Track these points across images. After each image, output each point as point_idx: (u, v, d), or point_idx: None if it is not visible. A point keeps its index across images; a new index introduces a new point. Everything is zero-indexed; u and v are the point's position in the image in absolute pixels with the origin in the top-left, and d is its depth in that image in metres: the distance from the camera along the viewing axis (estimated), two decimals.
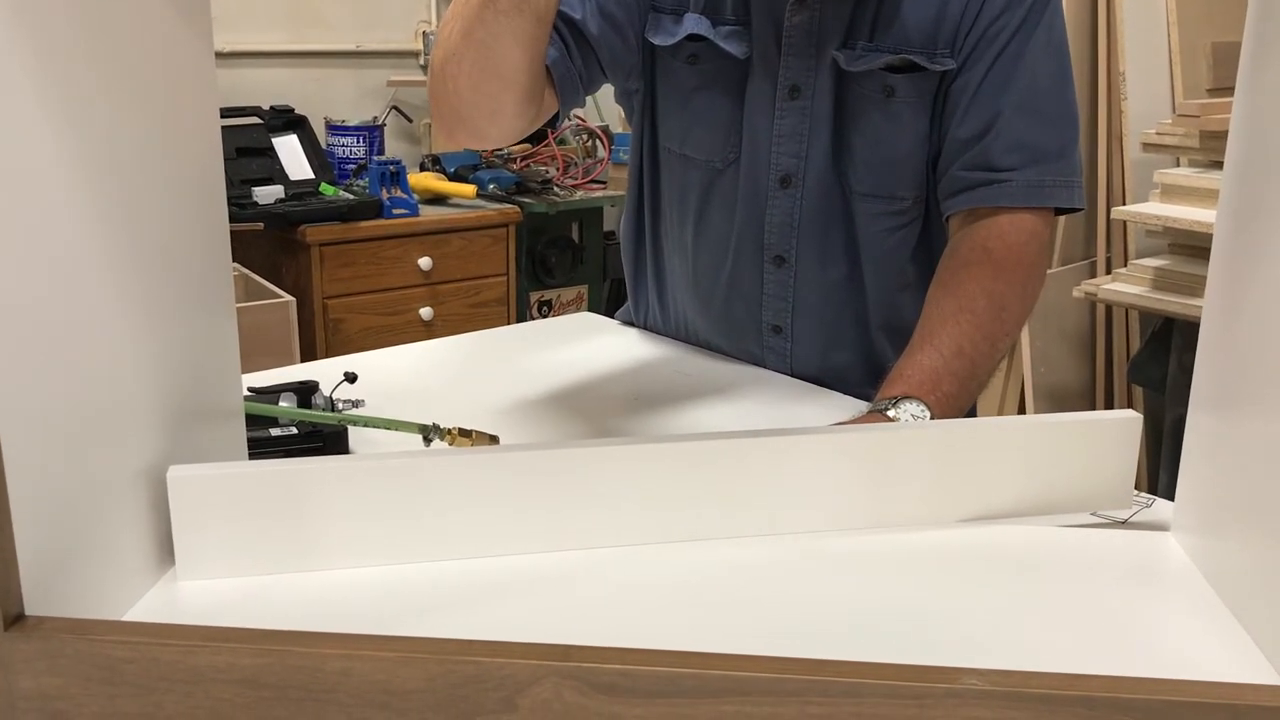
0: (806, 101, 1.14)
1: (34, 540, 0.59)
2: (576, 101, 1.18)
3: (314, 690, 0.56)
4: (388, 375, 1.20)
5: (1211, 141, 2.01)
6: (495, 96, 1.05)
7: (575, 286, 3.26)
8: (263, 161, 2.90)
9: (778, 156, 1.16)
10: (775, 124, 1.15)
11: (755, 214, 1.20)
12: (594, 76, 1.17)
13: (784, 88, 1.14)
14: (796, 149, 1.15)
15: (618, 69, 1.20)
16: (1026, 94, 1.08)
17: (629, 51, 1.19)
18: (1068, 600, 0.71)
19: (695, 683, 0.53)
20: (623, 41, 1.18)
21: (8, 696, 0.57)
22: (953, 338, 1.02)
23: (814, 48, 1.12)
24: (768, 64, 1.14)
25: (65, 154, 0.62)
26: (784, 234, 1.19)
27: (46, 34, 0.60)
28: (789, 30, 1.12)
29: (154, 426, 0.72)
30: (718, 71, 1.17)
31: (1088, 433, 0.81)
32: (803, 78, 1.13)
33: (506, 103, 1.06)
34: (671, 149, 1.25)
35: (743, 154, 1.19)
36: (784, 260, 1.20)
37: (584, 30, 1.13)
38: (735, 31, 1.15)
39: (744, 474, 0.78)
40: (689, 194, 1.24)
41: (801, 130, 1.15)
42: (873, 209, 1.16)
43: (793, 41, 1.12)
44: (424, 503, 0.74)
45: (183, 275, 0.75)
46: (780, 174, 1.17)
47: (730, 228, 1.22)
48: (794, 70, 1.13)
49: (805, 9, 1.11)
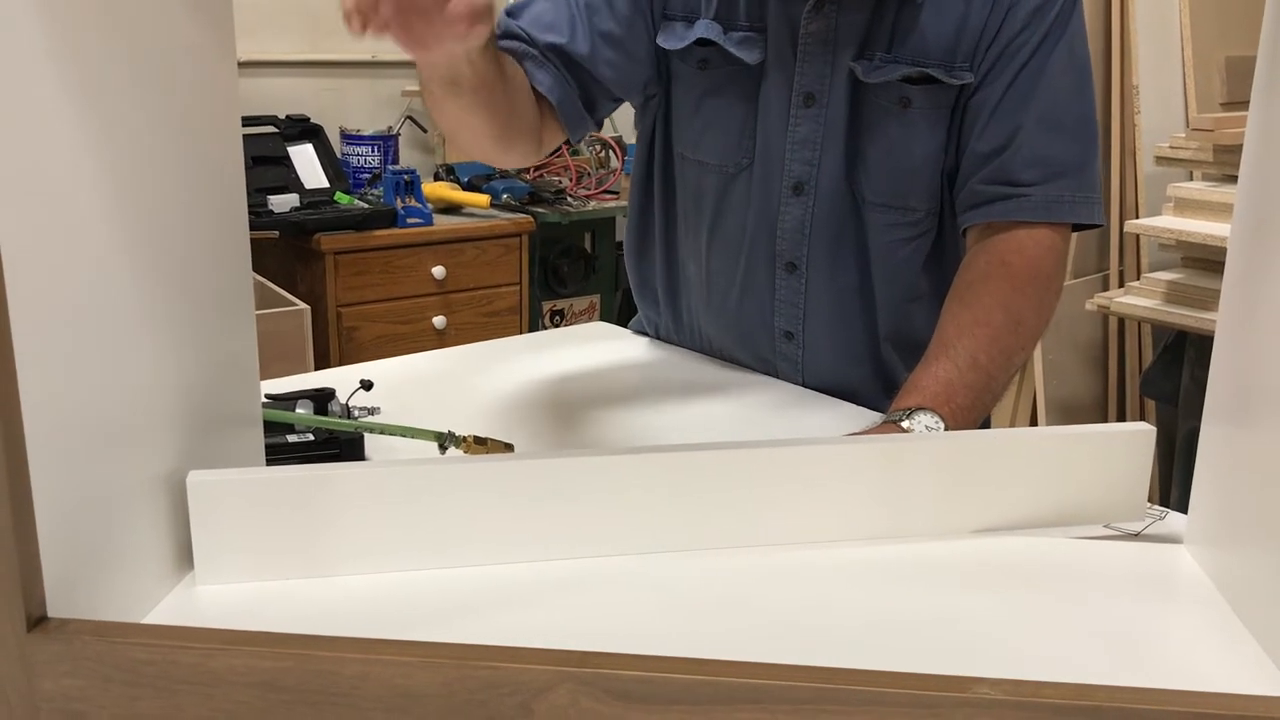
0: (821, 109, 1.14)
1: (57, 543, 0.60)
2: (585, 126, 1.19)
3: (332, 694, 0.56)
4: (402, 383, 1.21)
5: (1225, 155, 2.00)
6: (483, 146, 1.11)
7: (588, 296, 3.27)
8: (278, 170, 2.91)
9: (791, 163, 1.17)
10: (790, 130, 1.16)
11: (768, 220, 1.20)
12: (598, 98, 1.18)
13: (799, 95, 1.15)
14: (810, 156, 1.16)
15: (628, 86, 1.20)
16: (1047, 109, 1.09)
17: (636, 65, 1.19)
18: (1081, 612, 0.71)
19: (710, 690, 0.54)
20: (627, 58, 1.17)
21: (30, 697, 0.58)
22: (968, 350, 1.02)
23: (829, 55, 1.12)
24: (783, 71, 1.15)
25: (98, 167, 0.63)
26: (796, 240, 1.19)
27: (81, 51, 0.60)
28: (804, 37, 1.12)
29: (175, 432, 0.72)
30: (729, 77, 1.17)
31: (1101, 445, 0.81)
32: (817, 85, 1.14)
33: (496, 149, 1.12)
34: (685, 155, 1.25)
35: (756, 159, 1.19)
36: (795, 267, 1.20)
37: (573, 53, 1.13)
38: (748, 38, 1.15)
39: (758, 483, 0.78)
40: (704, 199, 1.25)
41: (815, 138, 1.15)
42: (885, 219, 1.17)
43: (808, 48, 1.13)
44: (440, 510, 0.75)
45: (205, 284, 0.75)
46: (793, 180, 1.17)
47: (743, 233, 1.22)
48: (809, 77, 1.14)
49: (821, 16, 1.11)
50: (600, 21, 1.15)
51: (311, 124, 3.03)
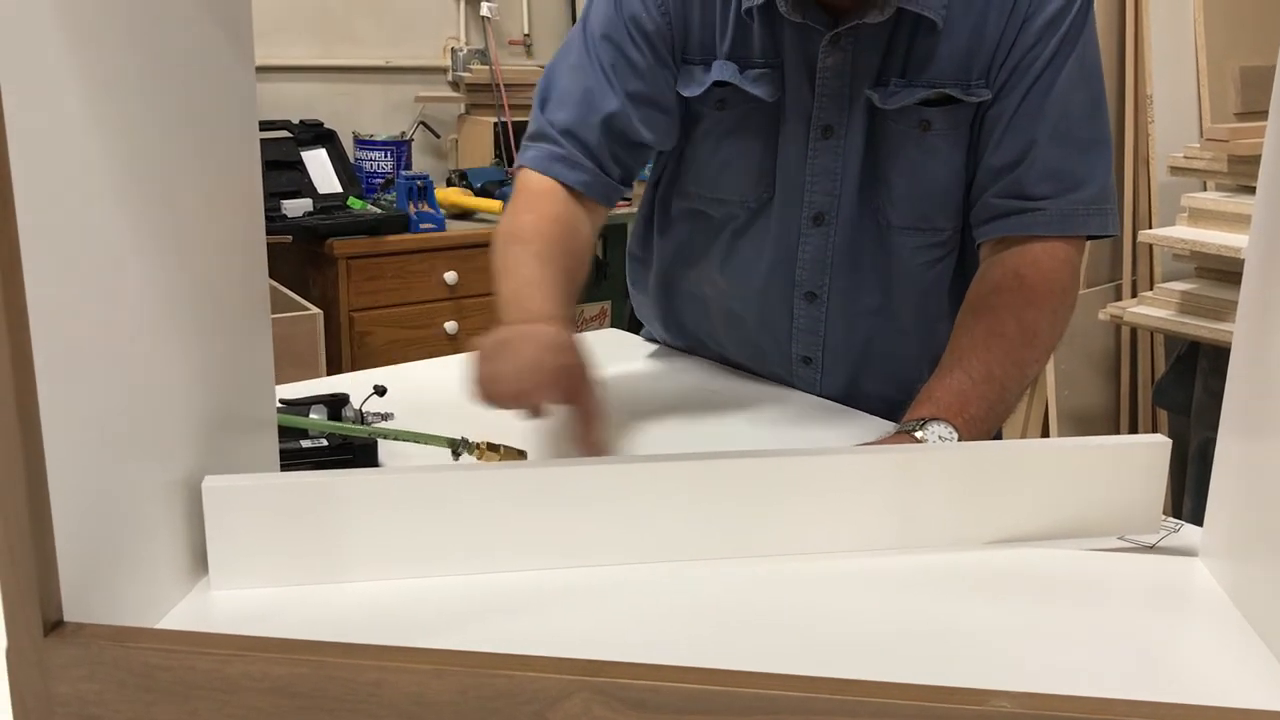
0: (839, 140, 1.14)
1: (73, 548, 0.60)
2: (619, 196, 1.20)
3: (346, 700, 0.56)
4: (416, 389, 1.21)
5: (1239, 166, 2.00)
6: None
7: (599, 302, 3.27)
8: (291, 175, 2.92)
9: (811, 195, 1.16)
10: (809, 163, 1.16)
11: (787, 252, 1.20)
12: (632, 163, 1.19)
13: (817, 128, 1.14)
14: (830, 187, 1.16)
15: (665, 138, 1.20)
16: (1060, 123, 1.09)
17: (669, 116, 1.19)
18: (1096, 624, 0.71)
19: (724, 700, 0.54)
20: (659, 111, 1.17)
21: (45, 702, 0.58)
22: (983, 362, 1.02)
23: (847, 88, 1.12)
24: (801, 105, 1.14)
25: (116, 171, 0.63)
26: (817, 271, 1.19)
27: (101, 55, 0.61)
28: (823, 71, 1.12)
29: (191, 437, 0.73)
30: (747, 115, 1.17)
31: (1116, 457, 0.81)
32: (836, 117, 1.13)
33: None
34: (703, 194, 1.24)
35: (776, 194, 1.19)
36: (816, 296, 1.20)
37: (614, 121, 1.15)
38: (764, 75, 1.14)
39: (772, 493, 0.78)
40: (720, 234, 1.24)
41: (835, 168, 1.15)
42: (912, 242, 1.17)
43: (826, 82, 1.12)
44: (453, 516, 0.75)
45: (223, 289, 0.76)
46: (814, 212, 1.17)
47: (761, 266, 1.22)
48: (828, 111, 1.13)
49: (839, 50, 1.11)
50: (627, 82, 1.15)
51: (325, 129, 3.04)
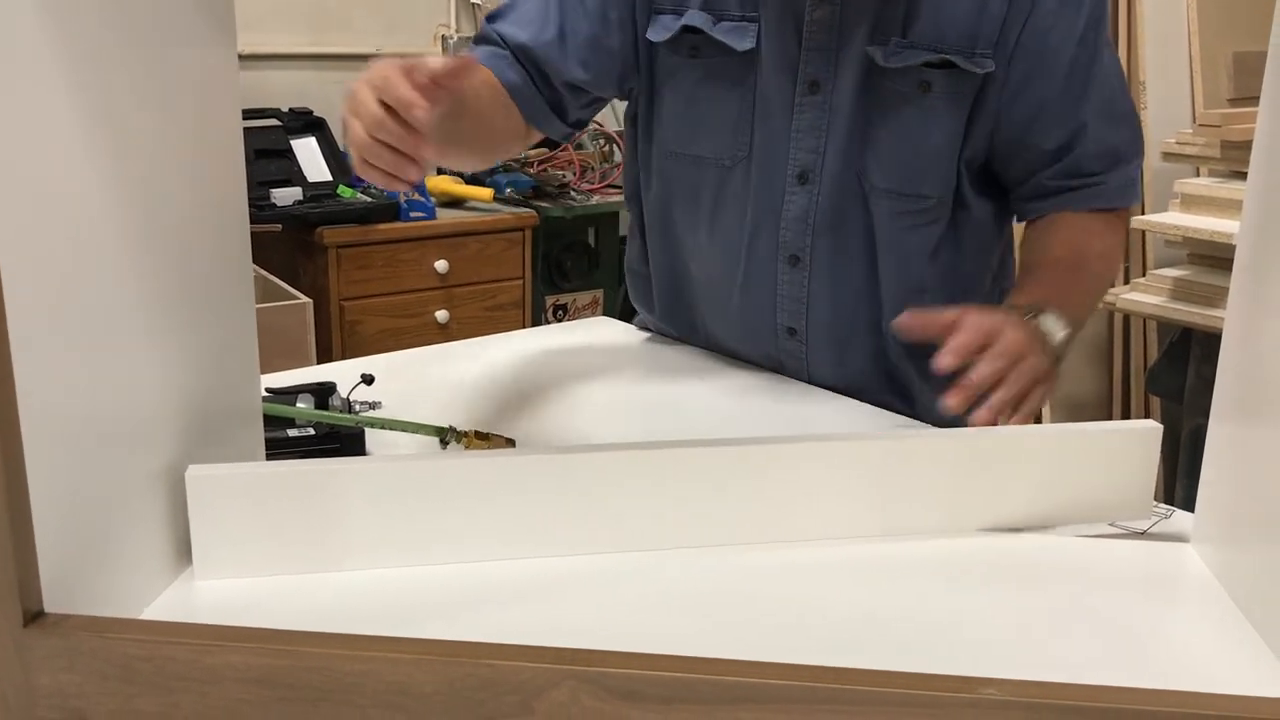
0: (825, 96, 1.13)
1: (54, 538, 0.59)
2: (555, 126, 1.20)
3: (329, 691, 0.56)
4: (404, 377, 1.20)
5: (1232, 151, 1.99)
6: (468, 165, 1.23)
7: (591, 291, 3.26)
8: (281, 163, 2.90)
9: (796, 152, 1.16)
10: (794, 118, 1.15)
11: (770, 212, 1.19)
12: (567, 96, 1.19)
13: (804, 83, 1.14)
14: (814, 144, 1.15)
15: (603, 83, 1.20)
16: (1105, 101, 1.14)
17: (610, 60, 1.19)
18: (1086, 611, 0.71)
19: (712, 689, 0.53)
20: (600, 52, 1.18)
21: (27, 693, 0.57)
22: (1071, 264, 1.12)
23: (835, 42, 1.12)
24: (785, 59, 1.14)
25: (95, 160, 0.62)
26: (800, 232, 1.18)
27: (80, 43, 0.60)
28: (810, 25, 1.12)
29: (173, 427, 0.72)
30: (721, 66, 1.16)
31: (1108, 443, 0.81)
32: (823, 72, 1.13)
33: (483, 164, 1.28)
34: (678, 152, 1.24)
35: (754, 150, 1.18)
36: (799, 259, 1.19)
37: (537, 50, 1.15)
38: (739, 26, 1.14)
39: (762, 480, 0.78)
40: (700, 196, 1.24)
41: (820, 125, 1.14)
42: (894, 207, 1.16)
43: (813, 35, 1.12)
44: (440, 506, 0.74)
45: (205, 278, 0.75)
46: (798, 170, 1.16)
47: (744, 227, 1.21)
48: (815, 65, 1.13)
49: (827, 3, 1.11)
50: (573, 18, 1.16)
51: (314, 117, 3.03)
